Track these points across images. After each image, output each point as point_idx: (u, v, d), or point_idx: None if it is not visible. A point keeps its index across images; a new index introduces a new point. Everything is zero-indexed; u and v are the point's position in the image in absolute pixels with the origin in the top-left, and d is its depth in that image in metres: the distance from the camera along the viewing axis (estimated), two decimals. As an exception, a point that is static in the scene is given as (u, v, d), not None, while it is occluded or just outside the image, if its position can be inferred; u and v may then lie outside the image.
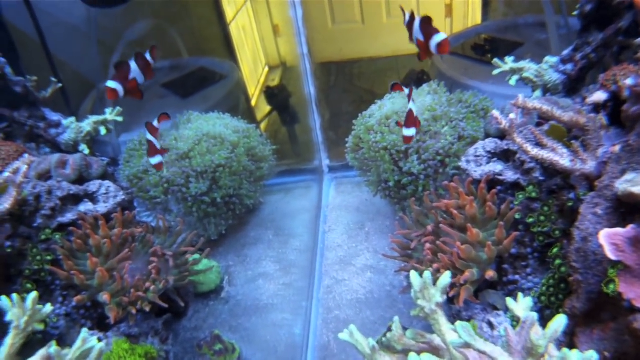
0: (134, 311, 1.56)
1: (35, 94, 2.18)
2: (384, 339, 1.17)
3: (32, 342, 1.40)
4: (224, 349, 1.79)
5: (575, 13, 1.82)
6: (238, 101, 3.47)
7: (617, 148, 1.23)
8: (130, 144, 2.28)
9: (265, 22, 4.51)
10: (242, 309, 2.06)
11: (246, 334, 1.96)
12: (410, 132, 1.74)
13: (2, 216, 1.49)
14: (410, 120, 1.75)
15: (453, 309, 1.55)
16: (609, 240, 1.04)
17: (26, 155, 1.78)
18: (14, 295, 1.24)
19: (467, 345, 0.86)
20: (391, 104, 2.12)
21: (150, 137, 1.88)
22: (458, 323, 0.87)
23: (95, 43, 2.75)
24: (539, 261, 1.49)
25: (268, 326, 1.98)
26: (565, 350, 0.82)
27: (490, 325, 1.45)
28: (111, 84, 1.75)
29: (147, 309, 1.58)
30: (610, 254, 1.02)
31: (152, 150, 1.88)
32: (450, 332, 0.99)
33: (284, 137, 3.52)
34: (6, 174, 1.54)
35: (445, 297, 1.01)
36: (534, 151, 1.34)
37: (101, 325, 1.68)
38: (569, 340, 1.23)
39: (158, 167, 1.89)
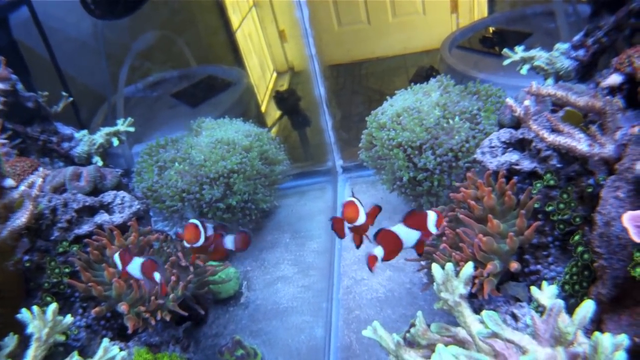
0: (152, 321, 1.55)
1: (47, 108, 2.19)
2: (407, 334, 1.16)
3: (53, 355, 1.40)
4: (245, 354, 1.78)
5: (585, -1, 1.80)
6: (248, 107, 3.48)
7: (636, 129, 1.20)
8: (141, 156, 2.28)
9: (271, 29, 4.52)
10: (262, 313, 2.05)
11: (267, 338, 1.94)
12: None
13: (19, 230, 1.49)
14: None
15: (475, 303, 1.52)
16: (633, 222, 1.01)
17: (41, 169, 1.77)
18: (34, 308, 1.24)
19: (495, 335, 0.84)
20: (402, 100, 2.10)
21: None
22: (484, 312, 0.85)
23: (104, 56, 2.77)
24: (560, 250, 1.47)
25: (289, 329, 1.96)
26: (597, 334, 0.79)
27: (514, 317, 1.42)
28: None
29: (168, 317, 1.58)
30: (635, 237, 0.99)
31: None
32: (475, 323, 0.97)
33: (296, 141, 3.51)
34: (22, 188, 1.53)
35: (468, 288, 0.99)
36: (551, 137, 1.31)
37: (122, 335, 1.68)
38: (595, 327, 1.20)
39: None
